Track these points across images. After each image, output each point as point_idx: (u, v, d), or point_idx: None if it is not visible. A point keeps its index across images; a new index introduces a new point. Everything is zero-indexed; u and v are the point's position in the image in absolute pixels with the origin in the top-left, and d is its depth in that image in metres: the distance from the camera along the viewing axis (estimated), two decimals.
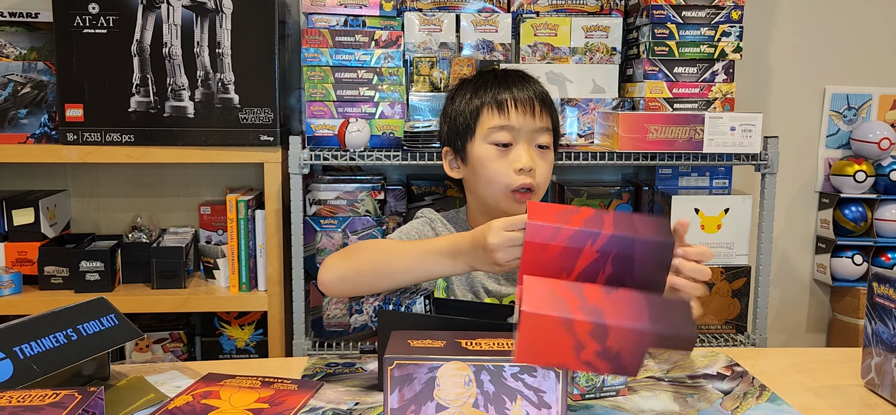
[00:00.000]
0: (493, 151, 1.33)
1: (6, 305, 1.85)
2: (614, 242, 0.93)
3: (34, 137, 1.91)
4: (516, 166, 1.31)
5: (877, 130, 2.24)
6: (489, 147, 1.34)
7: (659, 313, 0.88)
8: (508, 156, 1.33)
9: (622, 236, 0.93)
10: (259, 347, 2.13)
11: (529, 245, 0.93)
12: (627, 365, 0.88)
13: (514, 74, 1.39)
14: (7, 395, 0.87)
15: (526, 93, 1.34)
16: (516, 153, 1.32)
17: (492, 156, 1.33)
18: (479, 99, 1.36)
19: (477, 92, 1.37)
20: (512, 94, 1.34)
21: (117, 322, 1.15)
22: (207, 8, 1.82)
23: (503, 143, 1.33)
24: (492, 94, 1.35)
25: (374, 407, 1.08)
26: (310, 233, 1.90)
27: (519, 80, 1.37)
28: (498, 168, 1.33)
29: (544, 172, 1.35)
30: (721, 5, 1.93)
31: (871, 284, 1.14)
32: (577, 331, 0.85)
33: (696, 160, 1.86)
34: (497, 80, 1.37)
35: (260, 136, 1.86)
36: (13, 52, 1.96)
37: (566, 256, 0.93)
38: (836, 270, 2.31)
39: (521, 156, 1.32)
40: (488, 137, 1.34)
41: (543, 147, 1.36)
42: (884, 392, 1.13)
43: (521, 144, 1.33)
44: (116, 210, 2.20)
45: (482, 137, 1.35)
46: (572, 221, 0.93)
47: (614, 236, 0.93)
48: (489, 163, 1.34)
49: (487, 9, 1.98)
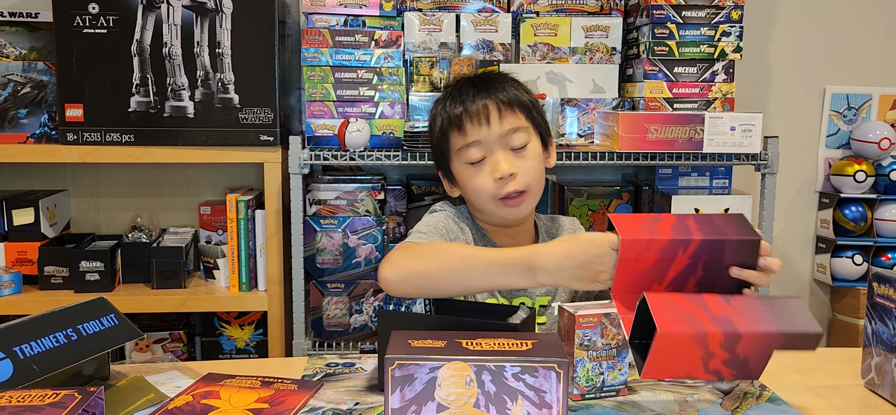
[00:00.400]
0: (469, 169, 1.33)
1: (6, 305, 1.85)
2: (705, 246, 0.95)
3: (34, 137, 1.91)
4: (495, 176, 1.30)
5: (877, 130, 2.24)
6: (464, 166, 1.33)
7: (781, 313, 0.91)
8: (485, 168, 1.31)
9: (712, 240, 0.95)
10: (259, 347, 2.13)
11: (624, 260, 0.94)
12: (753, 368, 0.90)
13: (476, 82, 1.36)
14: (7, 395, 0.87)
15: (480, 102, 1.31)
16: (492, 164, 1.30)
17: (470, 174, 1.33)
18: (441, 120, 1.36)
19: (440, 114, 1.37)
20: (465, 107, 1.32)
21: (117, 322, 1.15)
22: (207, 8, 1.82)
23: (475, 160, 1.32)
24: (454, 113, 1.34)
25: (374, 407, 1.08)
26: (310, 233, 1.90)
27: (478, 88, 1.34)
28: (479, 183, 1.32)
29: (531, 169, 1.32)
30: (721, 5, 1.93)
31: (871, 284, 1.14)
32: (709, 343, 0.87)
33: (696, 160, 1.86)
34: (455, 96, 1.35)
35: (260, 136, 1.86)
36: (13, 52, 1.95)
37: (659, 266, 0.95)
38: (836, 270, 2.31)
39: (496, 165, 1.30)
40: (460, 157, 1.33)
41: (519, 147, 1.32)
42: (884, 392, 1.13)
43: (494, 152, 1.31)
44: (116, 210, 2.20)
45: (456, 157, 1.35)
46: (661, 231, 0.95)
47: (704, 241, 0.95)
48: (470, 180, 1.33)
49: (487, 9, 1.98)
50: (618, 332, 1.10)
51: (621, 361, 1.11)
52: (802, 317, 0.91)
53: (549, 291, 1.36)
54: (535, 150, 1.34)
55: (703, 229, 0.96)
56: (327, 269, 1.91)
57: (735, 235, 0.96)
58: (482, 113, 1.31)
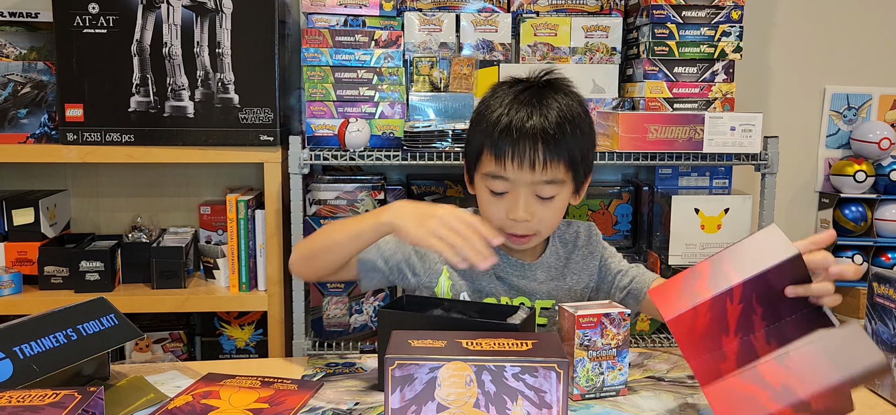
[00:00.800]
0: (487, 193, 1.25)
1: (6, 305, 1.85)
2: (748, 287, 0.94)
3: (34, 137, 1.91)
4: (509, 216, 1.23)
5: (877, 130, 2.24)
6: (485, 188, 1.26)
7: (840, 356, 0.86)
8: (504, 202, 1.24)
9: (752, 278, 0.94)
10: (259, 347, 2.13)
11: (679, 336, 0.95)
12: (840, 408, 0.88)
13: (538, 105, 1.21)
14: (7, 395, 0.87)
15: (529, 144, 1.18)
16: (511, 201, 1.23)
17: (487, 198, 1.26)
18: (485, 135, 1.23)
19: (486, 121, 1.24)
20: (513, 142, 1.19)
21: (117, 322, 1.15)
22: (207, 8, 1.82)
23: (497, 191, 1.24)
24: (496, 133, 1.21)
25: (374, 407, 1.08)
26: (310, 233, 1.90)
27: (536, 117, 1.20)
28: (493, 212, 1.26)
29: (548, 219, 1.26)
30: (721, 5, 1.93)
31: (871, 284, 1.14)
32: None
33: (696, 160, 1.86)
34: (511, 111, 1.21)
35: (260, 136, 1.86)
36: (13, 52, 1.95)
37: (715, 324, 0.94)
38: None
39: (514, 206, 1.22)
40: (485, 180, 1.25)
41: (546, 198, 1.24)
42: (884, 392, 1.13)
43: (518, 192, 1.22)
44: (116, 210, 2.20)
45: (481, 175, 1.26)
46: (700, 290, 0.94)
47: (746, 283, 0.94)
48: (484, 204, 1.28)
49: (487, 9, 1.98)
50: (618, 332, 1.10)
51: (621, 361, 1.11)
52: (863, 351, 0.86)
53: (552, 295, 1.35)
54: (561, 201, 1.26)
55: (740, 268, 0.94)
56: None
57: (772, 260, 0.94)
58: (526, 158, 1.19)
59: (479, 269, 1.07)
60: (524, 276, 1.34)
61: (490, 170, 1.23)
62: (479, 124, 1.26)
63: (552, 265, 1.36)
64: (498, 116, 1.22)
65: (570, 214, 2.07)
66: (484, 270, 1.29)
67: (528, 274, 1.34)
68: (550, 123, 1.20)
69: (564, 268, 1.37)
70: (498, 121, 1.21)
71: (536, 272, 1.35)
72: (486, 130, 1.23)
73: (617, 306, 1.12)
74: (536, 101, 1.22)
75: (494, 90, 1.29)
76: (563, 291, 1.36)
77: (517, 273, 1.34)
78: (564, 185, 1.25)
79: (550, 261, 1.36)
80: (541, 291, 1.34)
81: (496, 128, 1.21)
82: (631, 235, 2.14)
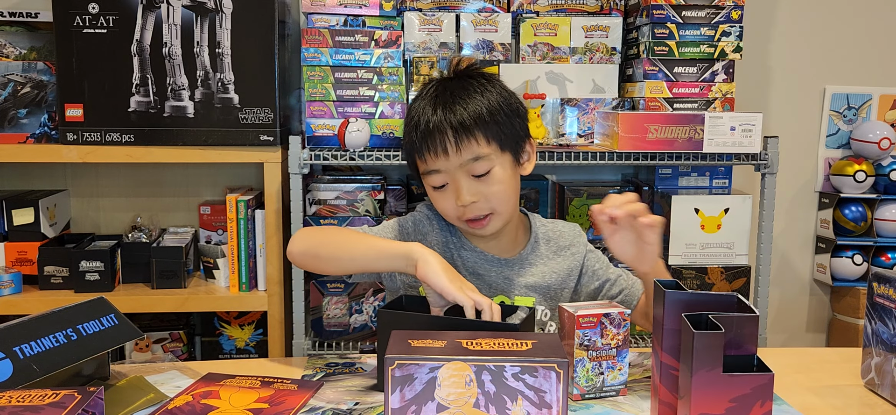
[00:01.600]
0: (433, 191, 1.31)
1: (6, 305, 1.85)
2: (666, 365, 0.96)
3: (34, 137, 1.91)
4: (458, 203, 1.27)
5: (877, 130, 2.24)
6: (429, 187, 1.31)
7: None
8: (448, 192, 1.28)
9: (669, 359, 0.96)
10: (259, 347, 2.13)
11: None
12: None
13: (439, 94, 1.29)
14: (7, 395, 0.87)
15: (435, 129, 1.24)
16: (454, 190, 1.27)
17: (435, 196, 1.31)
18: (408, 143, 1.31)
19: (407, 131, 1.32)
20: (424, 132, 1.26)
21: (117, 322, 1.15)
22: (207, 8, 1.82)
23: (437, 185, 1.29)
24: (414, 138, 1.28)
25: (374, 407, 1.08)
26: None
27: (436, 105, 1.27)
28: (443, 206, 1.30)
29: (496, 194, 1.27)
30: (721, 5, 1.93)
31: (871, 284, 1.14)
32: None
33: (696, 160, 1.86)
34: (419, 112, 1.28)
35: (260, 136, 1.86)
36: (13, 52, 1.95)
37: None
38: (836, 270, 2.31)
39: (458, 193, 1.26)
40: (426, 180, 1.31)
41: (482, 175, 1.26)
42: (884, 392, 1.13)
43: (457, 179, 1.26)
44: (116, 210, 2.20)
45: (423, 177, 1.32)
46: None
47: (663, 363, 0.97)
48: (436, 202, 1.32)
49: (487, 9, 1.98)
50: (618, 332, 1.10)
51: (621, 361, 1.11)
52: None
53: (529, 291, 1.35)
54: (500, 173, 1.27)
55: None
56: None
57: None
58: (438, 142, 1.24)
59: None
60: (502, 272, 1.35)
61: (423, 169, 1.30)
62: (406, 136, 1.34)
63: (531, 261, 1.37)
64: (413, 123, 1.29)
65: (570, 213, 2.07)
66: (462, 268, 1.34)
67: (505, 270, 1.35)
68: (453, 109, 1.26)
69: (543, 265, 1.37)
70: (414, 127, 1.29)
71: (514, 267, 1.36)
72: (408, 137, 1.31)
73: (617, 306, 1.12)
74: (441, 95, 1.29)
75: (414, 98, 1.35)
76: (541, 290, 1.35)
77: (495, 270, 1.35)
78: (492, 156, 1.27)
79: (530, 257, 1.37)
80: (519, 285, 1.35)
81: (413, 134, 1.29)
82: None
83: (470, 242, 1.37)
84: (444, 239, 1.37)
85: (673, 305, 0.97)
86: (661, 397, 0.99)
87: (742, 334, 0.92)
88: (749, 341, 0.92)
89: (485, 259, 1.35)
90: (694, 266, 1.93)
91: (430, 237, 1.37)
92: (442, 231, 1.37)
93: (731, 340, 0.92)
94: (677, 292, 0.97)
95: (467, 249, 1.36)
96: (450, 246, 1.36)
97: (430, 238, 1.37)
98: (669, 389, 0.98)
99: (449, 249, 1.36)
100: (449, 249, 1.36)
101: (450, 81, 1.32)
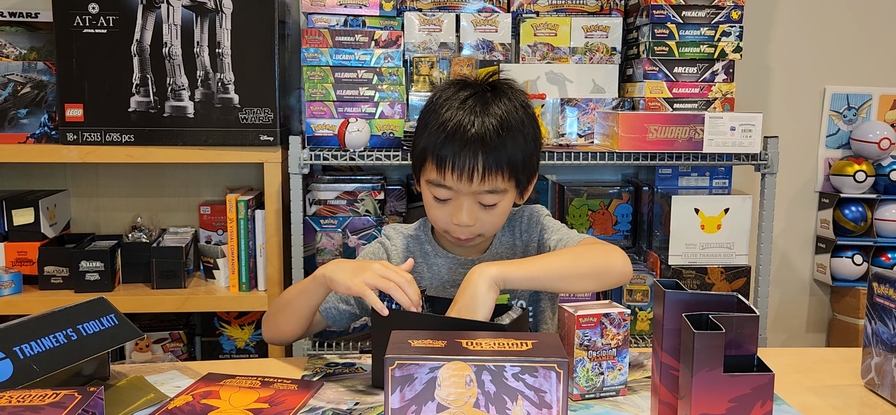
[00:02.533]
0: (431, 199, 1.26)
1: (6, 305, 1.85)
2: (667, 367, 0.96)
3: (34, 137, 1.91)
4: (453, 220, 1.24)
5: (877, 130, 2.24)
6: (429, 192, 1.26)
7: None
8: (447, 207, 1.25)
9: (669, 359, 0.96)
10: (259, 347, 2.13)
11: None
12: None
13: (478, 113, 1.21)
14: (7, 395, 0.87)
15: (469, 154, 1.19)
16: (454, 207, 1.24)
17: (431, 202, 1.27)
18: (428, 141, 1.23)
19: (430, 127, 1.24)
20: (453, 153, 1.19)
21: (117, 322, 1.15)
22: (207, 8, 1.82)
23: (440, 198, 1.25)
24: (437, 142, 1.21)
25: (374, 407, 1.08)
26: (310, 233, 1.90)
27: (476, 121, 1.20)
28: (437, 215, 1.27)
29: (490, 223, 1.27)
30: (721, 5, 1.93)
31: (871, 284, 1.14)
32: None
33: (696, 160, 1.86)
34: (454, 117, 1.21)
35: (260, 136, 1.86)
36: (13, 52, 1.95)
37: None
38: (836, 270, 2.31)
39: (457, 213, 1.23)
40: (429, 186, 1.26)
41: (489, 205, 1.24)
42: (884, 392, 1.13)
43: (461, 200, 1.23)
44: (116, 210, 2.20)
45: (425, 180, 1.27)
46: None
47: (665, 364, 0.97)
48: (429, 207, 1.28)
49: (487, 9, 1.98)
50: (618, 332, 1.10)
51: (621, 361, 1.11)
52: None
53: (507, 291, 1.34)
54: (504, 207, 1.26)
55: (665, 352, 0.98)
56: None
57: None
58: (466, 170, 1.19)
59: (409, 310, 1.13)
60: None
61: (432, 178, 1.24)
62: (423, 129, 1.26)
63: (501, 255, 1.36)
64: (441, 124, 1.22)
65: (570, 213, 2.07)
66: (435, 277, 1.34)
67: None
68: (490, 132, 1.20)
69: (512, 256, 1.36)
70: (441, 128, 1.21)
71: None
72: (429, 136, 1.23)
73: (617, 306, 1.12)
74: (479, 108, 1.22)
75: (440, 92, 1.28)
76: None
77: (465, 272, 1.33)
78: (506, 192, 1.25)
79: (499, 251, 1.36)
80: None
81: (438, 136, 1.21)
82: (631, 235, 2.14)
83: (441, 246, 1.37)
84: (415, 248, 1.37)
85: (673, 305, 0.97)
86: (661, 397, 0.99)
87: (742, 333, 0.92)
88: (749, 341, 0.92)
89: (458, 262, 1.35)
90: (694, 266, 1.93)
91: (397, 241, 1.38)
92: (410, 241, 1.38)
93: (731, 340, 0.91)
94: (677, 292, 0.97)
95: (440, 255, 1.36)
96: (422, 254, 1.37)
97: (398, 242, 1.38)
98: (669, 389, 0.97)
99: (420, 259, 1.36)
100: (420, 259, 1.36)
101: (485, 93, 1.25)
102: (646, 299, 1.99)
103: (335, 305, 1.32)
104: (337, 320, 1.34)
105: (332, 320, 1.33)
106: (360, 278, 1.13)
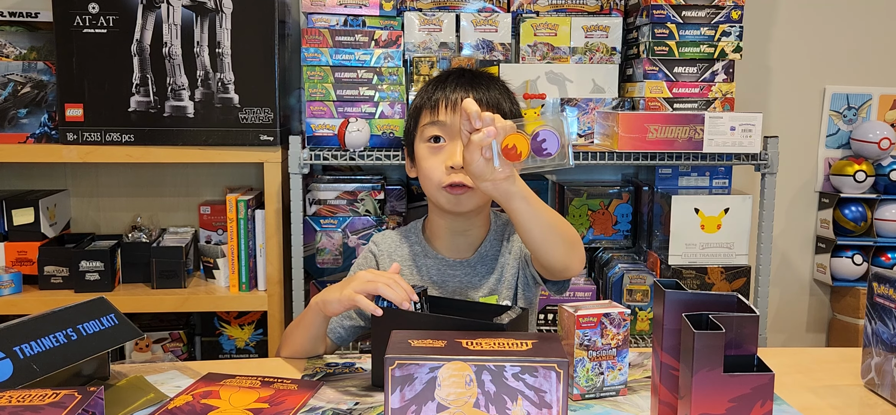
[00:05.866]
0: (427, 148, 1.34)
1: (6, 305, 1.84)
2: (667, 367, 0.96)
3: (34, 137, 1.91)
4: (447, 163, 1.30)
5: (877, 130, 2.24)
6: (425, 145, 1.34)
7: None
8: (441, 153, 1.32)
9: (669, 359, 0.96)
10: (259, 347, 2.13)
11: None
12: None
13: (465, 73, 1.38)
14: (7, 395, 0.87)
15: (459, 91, 1.33)
16: (448, 151, 1.31)
17: (426, 154, 1.34)
18: (420, 98, 1.38)
19: (421, 92, 1.39)
20: (445, 93, 1.33)
21: (117, 322, 1.15)
22: (207, 8, 1.82)
23: (434, 136, 1.33)
24: (429, 89, 1.36)
25: (374, 407, 1.08)
26: (310, 233, 1.90)
27: (463, 79, 1.36)
28: (431, 165, 1.33)
29: None
30: (721, 5, 1.93)
31: (871, 284, 1.14)
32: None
33: (696, 160, 1.86)
34: (441, 80, 1.37)
35: (260, 136, 1.86)
36: (13, 52, 1.95)
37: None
38: (835, 270, 2.31)
39: (452, 153, 1.30)
40: (423, 135, 1.35)
41: None
42: (884, 392, 1.13)
43: (455, 141, 1.31)
44: (116, 210, 2.20)
45: (420, 135, 1.36)
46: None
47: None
48: (424, 161, 1.35)
49: (487, 9, 1.98)
50: (618, 332, 1.10)
51: (621, 361, 1.11)
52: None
53: (493, 291, 1.37)
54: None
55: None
56: (327, 268, 1.91)
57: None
58: (456, 88, 1.33)
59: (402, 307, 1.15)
60: (464, 278, 1.37)
61: (426, 120, 1.35)
62: (415, 101, 1.41)
63: (491, 256, 1.39)
64: (432, 86, 1.38)
65: (570, 213, 2.07)
66: (426, 277, 1.38)
67: (468, 272, 1.38)
68: (479, 82, 1.36)
69: (500, 257, 1.39)
70: (433, 87, 1.37)
71: (476, 267, 1.38)
72: (424, 96, 1.38)
73: (617, 306, 1.12)
74: (466, 74, 1.39)
75: (427, 82, 1.43)
76: (502, 286, 1.37)
77: (457, 275, 1.38)
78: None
79: (489, 253, 1.39)
80: (481, 287, 1.37)
81: (432, 91, 1.36)
82: (631, 235, 2.14)
83: (435, 249, 1.39)
84: (405, 249, 1.41)
85: (673, 305, 0.97)
86: (661, 397, 0.99)
87: (742, 333, 0.92)
88: (749, 341, 0.92)
89: (446, 264, 1.38)
90: (694, 266, 1.93)
91: (384, 246, 1.43)
92: (399, 244, 1.42)
93: (731, 340, 0.91)
94: (677, 292, 0.97)
95: (430, 256, 1.39)
96: (412, 255, 1.40)
97: (385, 247, 1.43)
98: (669, 389, 0.97)
99: (409, 260, 1.40)
100: (409, 260, 1.40)
101: (470, 70, 1.40)
102: (646, 299, 1.99)
103: (340, 323, 1.38)
104: (345, 338, 1.40)
105: (340, 340, 1.40)
106: (349, 289, 1.18)
